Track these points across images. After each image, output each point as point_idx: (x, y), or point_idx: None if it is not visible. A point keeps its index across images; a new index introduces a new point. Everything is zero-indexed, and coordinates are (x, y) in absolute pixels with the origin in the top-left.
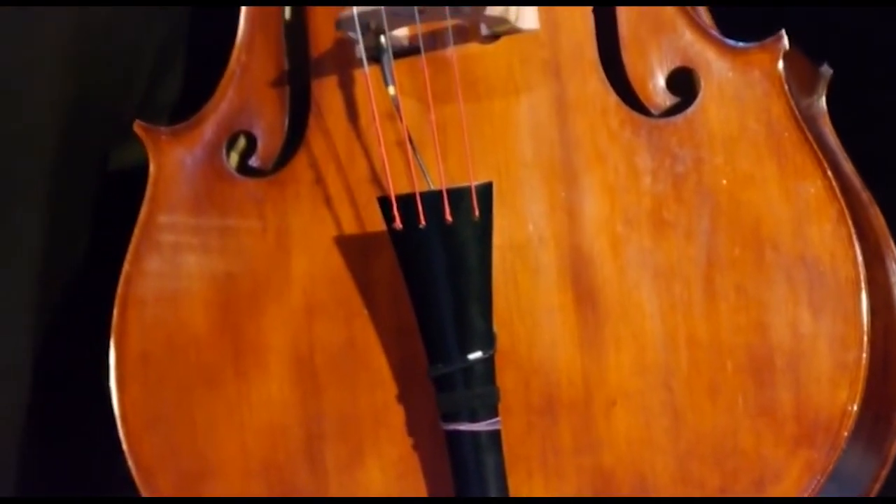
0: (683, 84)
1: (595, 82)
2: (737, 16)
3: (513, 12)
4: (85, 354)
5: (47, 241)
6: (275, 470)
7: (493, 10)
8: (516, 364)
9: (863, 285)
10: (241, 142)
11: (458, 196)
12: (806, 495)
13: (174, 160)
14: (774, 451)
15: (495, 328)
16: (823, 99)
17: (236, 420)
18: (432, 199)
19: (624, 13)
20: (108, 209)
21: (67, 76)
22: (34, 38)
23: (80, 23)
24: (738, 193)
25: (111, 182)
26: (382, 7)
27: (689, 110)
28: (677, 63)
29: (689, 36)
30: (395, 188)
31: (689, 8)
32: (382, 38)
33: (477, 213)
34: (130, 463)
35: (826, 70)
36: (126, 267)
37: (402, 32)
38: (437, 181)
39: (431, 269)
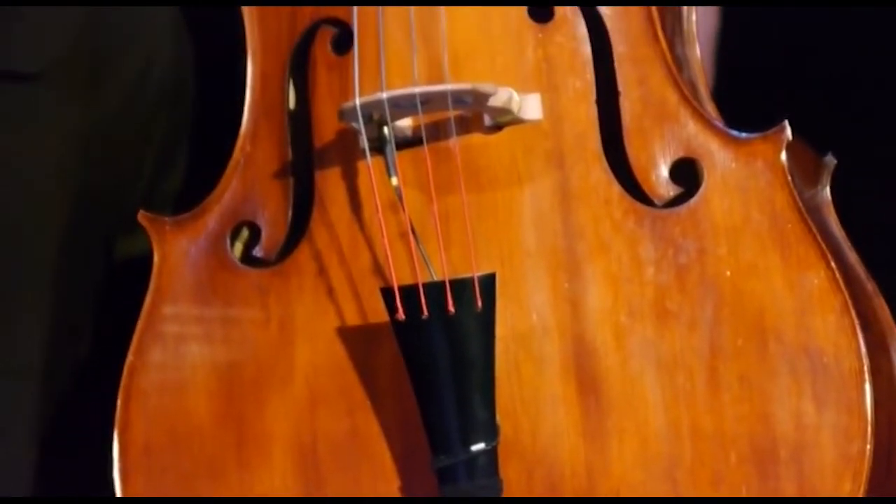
0: (686, 174)
1: (598, 172)
2: (740, 103)
3: (515, 103)
4: (89, 446)
5: (51, 332)
6: None
7: (496, 102)
8: (520, 454)
9: (867, 376)
10: (245, 232)
11: (461, 287)
12: None
13: (178, 250)
14: None
15: (498, 419)
16: (827, 189)
17: None
18: (435, 290)
19: (627, 103)
20: (113, 300)
21: (73, 166)
22: (41, 127)
23: (87, 112)
24: (742, 284)
25: (116, 272)
26: (385, 98)
27: (693, 201)
28: (681, 153)
29: (692, 126)
30: (397, 279)
31: (692, 98)
32: (385, 129)
33: (480, 303)
34: None
35: (830, 160)
36: (130, 358)
37: (405, 123)
38: (440, 272)
39: (434, 360)
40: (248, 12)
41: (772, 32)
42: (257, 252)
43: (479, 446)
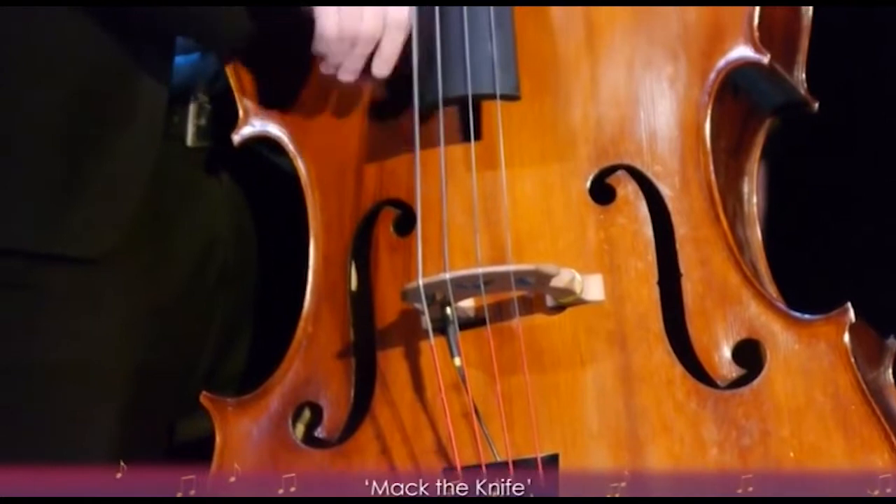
0: (749, 355)
1: (660, 353)
2: (802, 284)
3: (578, 284)
4: None
5: None
6: None
7: (559, 282)
8: None
9: None
10: (307, 413)
11: (525, 468)
12: None
13: (240, 431)
14: None
15: None
16: (890, 371)
17: None
18: (499, 470)
19: (689, 284)
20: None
21: (133, 349)
22: (100, 311)
23: (146, 297)
24: (805, 465)
25: (177, 455)
26: (448, 279)
27: (755, 382)
28: (743, 335)
29: (754, 308)
30: (460, 459)
31: (754, 279)
32: (448, 310)
33: (543, 484)
34: None
35: (893, 343)
36: None
37: (468, 303)
38: (503, 452)
39: None
40: (310, 194)
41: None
42: (319, 433)
43: None
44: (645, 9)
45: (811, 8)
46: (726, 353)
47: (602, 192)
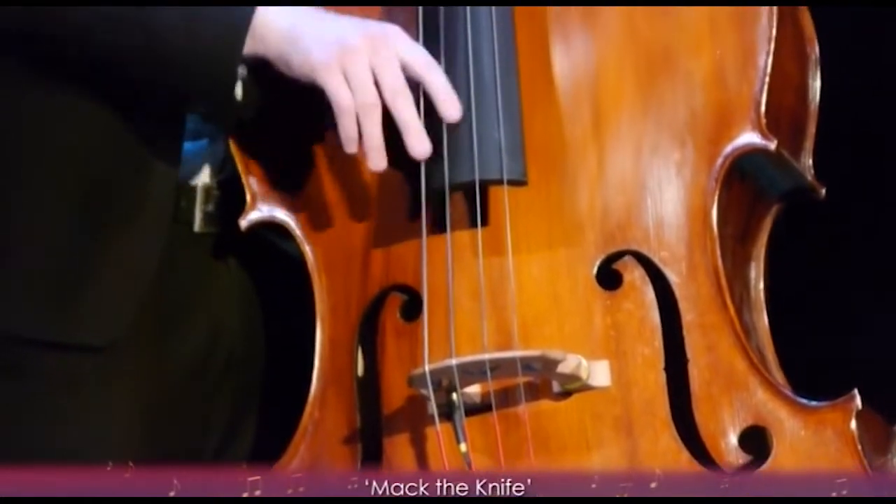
0: (756, 441)
1: (667, 439)
2: (809, 372)
3: (584, 370)
4: None
5: None
6: None
7: (565, 368)
8: None
9: None
10: None
11: None
12: None
13: None
14: None
15: None
16: None
17: None
18: None
19: (696, 370)
20: None
21: (140, 430)
22: (108, 395)
23: (153, 382)
24: None
25: None
26: (454, 365)
27: (762, 469)
28: (749, 421)
29: (761, 394)
30: None
31: (761, 365)
32: (454, 396)
33: None
34: None
35: None
36: None
37: (474, 389)
38: None
39: None
40: (317, 279)
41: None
42: None
43: None
44: (652, 95)
45: (818, 95)
46: (733, 439)
47: (609, 277)
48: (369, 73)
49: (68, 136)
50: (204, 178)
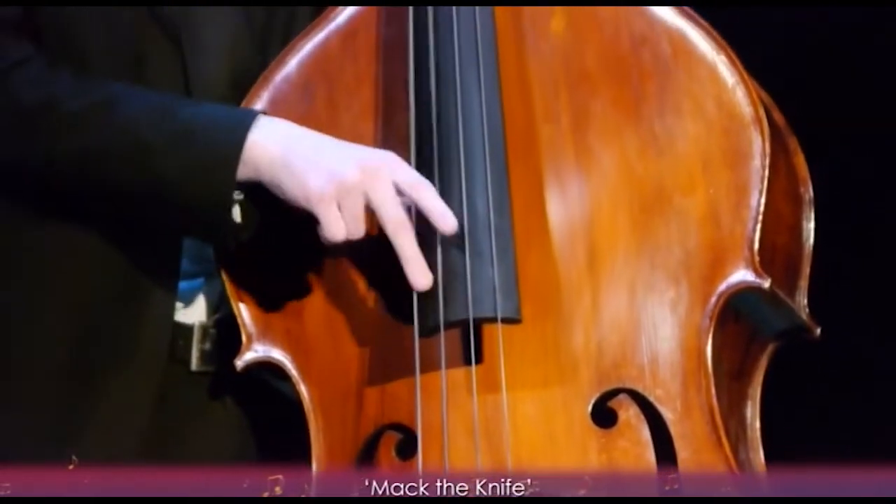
0: None
1: None
2: None
3: None
4: None
5: None
6: None
7: None
8: None
9: None
10: None
11: None
12: None
13: None
14: None
15: None
16: None
17: None
18: None
19: None
20: None
21: None
22: None
23: None
24: None
25: None
26: None
27: None
28: None
29: None
30: None
31: None
32: None
33: None
34: None
35: None
36: None
37: None
38: None
39: None
40: (313, 419)
41: None
42: None
43: None
44: (647, 233)
45: (812, 236)
46: None
47: (604, 415)
48: (363, 208)
49: (63, 275)
50: (201, 316)
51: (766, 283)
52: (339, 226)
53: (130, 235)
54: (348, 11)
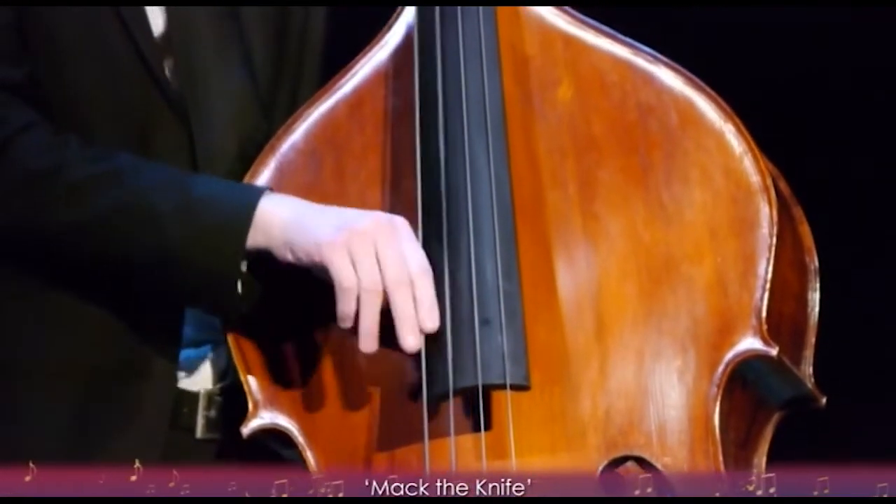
0: None
1: None
2: None
3: None
4: None
5: None
6: None
7: None
8: None
9: None
10: None
11: None
12: None
13: None
14: None
15: None
16: None
17: None
18: None
19: None
20: None
21: None
22: None
23: None
24: None
25: None
26: None
27: None
28: None
29: None
30: None
31: None
32: None
33: None
34: None
35: None
36: None
37: None
38: None
39: None
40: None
41: None
42: None
43: None
44: (654, 302)
45: (818, 305)
46: None
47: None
48: (375, 258)
49: (64, 341)
50: (206, 384)
51: (774, 351)
52: (349, 272)
53: (132, 303)
54: (355, 81)
